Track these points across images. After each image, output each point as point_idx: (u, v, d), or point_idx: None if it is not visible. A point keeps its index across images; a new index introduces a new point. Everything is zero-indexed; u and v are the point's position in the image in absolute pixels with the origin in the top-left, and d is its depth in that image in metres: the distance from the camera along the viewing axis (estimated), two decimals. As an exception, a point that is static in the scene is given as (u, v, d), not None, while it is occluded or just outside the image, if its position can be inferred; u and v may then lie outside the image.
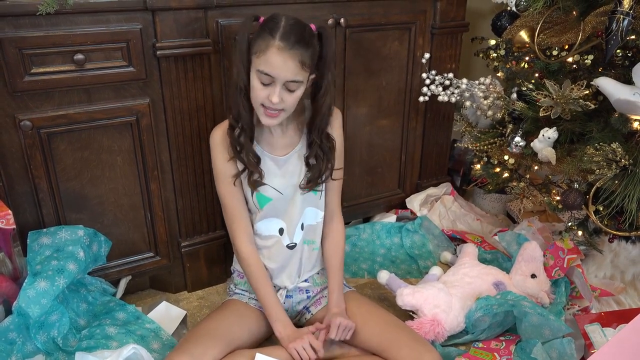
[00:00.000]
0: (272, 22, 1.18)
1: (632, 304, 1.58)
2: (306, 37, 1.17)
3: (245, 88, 1.22)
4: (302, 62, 1.16)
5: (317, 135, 1.31)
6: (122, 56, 1.33)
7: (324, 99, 1.25)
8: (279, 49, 1.14)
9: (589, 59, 1.45)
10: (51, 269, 1.28)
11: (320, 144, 1.32)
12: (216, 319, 1.32)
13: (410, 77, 1.83)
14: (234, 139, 1.27)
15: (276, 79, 1.17)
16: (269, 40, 1.15)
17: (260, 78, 1.18)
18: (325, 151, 1.33)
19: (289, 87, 1.19)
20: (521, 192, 1.81)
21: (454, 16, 1.83)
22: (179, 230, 1.59)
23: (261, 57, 1.16)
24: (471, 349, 1.41)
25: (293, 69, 1.16)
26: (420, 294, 1.46)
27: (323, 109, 1.27)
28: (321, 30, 1.23)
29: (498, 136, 1.74)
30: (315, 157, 1.33)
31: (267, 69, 1.16)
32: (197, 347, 1.20)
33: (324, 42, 1.22)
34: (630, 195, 1.31)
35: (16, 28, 1.21)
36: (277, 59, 1.15)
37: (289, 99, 1.20)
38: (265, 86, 1.19)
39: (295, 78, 1.17)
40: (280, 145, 1.33)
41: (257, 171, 1.29)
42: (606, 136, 1.38)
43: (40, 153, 1.32)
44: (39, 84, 1.26)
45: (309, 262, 1.42)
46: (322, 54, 1.23)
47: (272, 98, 1.18)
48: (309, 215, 1.39)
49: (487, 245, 1.83)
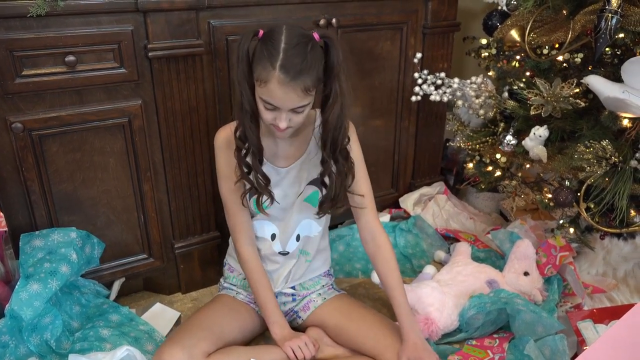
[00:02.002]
0: (271, 44, 1.09)
1: (624, 300, 1.59)
2: (309, 60, 1.08)
3: (251, 110, 1.17)
4: (306, 88, 1.09)
5: (330, 153, 1.22)
6: (113, 58, 1.33)
7: (331, 109, 1.17)
8: (280, 82, 1.07)
9: (578, 57, 1.47)
10: (44, 272, 1.27)
11: (335, 162, 1.23)
12: (207, 312, 1.32)
13: (402, 77, 1.84)
14: (242, 160, 1.23)
15: (281, 109, 1.12)
16: (269, 70, 1.08)
17: (264, 105, 1.13)
18: (341, 170, 1.24)
19: (296, 110, 1.13)
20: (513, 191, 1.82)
21: (445, 16, 1.84)
22: (172, 232, 1.59)
23: (263, 87, 1.10)
24: (465, 346, 1.41)
25: (296, 98, 1.10)
26: (414, 293, 1.46)
27: (332, 120, 1.18)
28: (326, 40, 1.13)
29: (490, 135, 1.74)
30: (329, 176, 1.25)
31: (270, 100, 1.11)
32: (189, 338, 1.20)
33: (330, 51, 1.13)
34: (620, 192, 1.32)
35: (7, 30, 1.20)
36: (279, 92, 1.09)
37: (296, 119, 1.15)
38: (271, 111, 1.14)
39: (300, 104, 1.12)
40: (283, 156, 1.29)
41: (267, 193, 1.24)
42: (596, 134, 1.39)
43: (32, 155, 1.31)
44: (30, 85, 1.26)
45: (299, 272, 1.41)
46: (329, 65, 1.14)
47: (279, 124, 1.13)
48: (306, 227, 1.37)
49: (480, 243, 1.84)
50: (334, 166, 1.24)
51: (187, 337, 1.20)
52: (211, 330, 1.24)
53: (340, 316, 1.34)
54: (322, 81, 1.15)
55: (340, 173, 1.25)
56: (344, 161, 1.24)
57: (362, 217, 1.34)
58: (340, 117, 1.18)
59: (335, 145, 1.22)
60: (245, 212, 1.32)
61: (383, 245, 1.33)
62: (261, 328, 1.40)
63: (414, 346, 1.22)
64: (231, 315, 1.32)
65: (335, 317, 1.35)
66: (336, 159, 1.24)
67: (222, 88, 1.51)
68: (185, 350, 1.17)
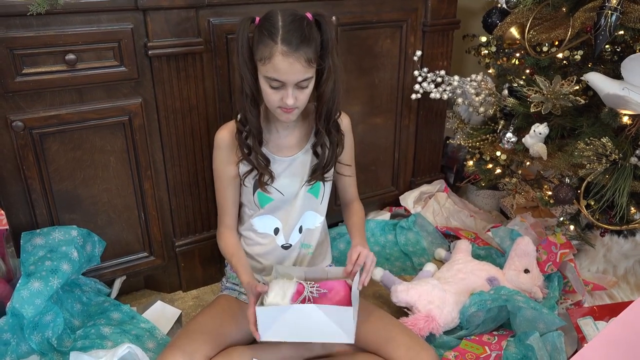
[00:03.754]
0: (269, 23, 1.15)
1: (624, 297, 1.59)
2: (307, 32, 1.14)
3: (252, 94, 1.21)
4: (308, 59, 1.15)
5: (324, 124, 1.30)
6: (113, 56, 1.33)
7: (326, 84, 1.23)
8: (284, 54, 1.12)
9: (578, 54, 1.46)
10: (45, 270, 1.27)
11: (329, 134, 1.31)
12: (207, 315, 1.32)
13: (402, 75, 1.84)
14: (243, 142, 1.28)
15: (287, 83, 1.16)
16: (271, 46, 1.13)
17: (270, 83, 1.17)
18: (333, 141, 1.32)
19: (300, 85, 1.18)
20: (513, 188, 1.82)
21: (445, 14, 1.84)
22: (173, 230, 1.59)
23: (267, 65, 1.14)
24: (462, 341, 1.41)
25: (301, 69, 1.14)
26: (415, 291, 1.46)
27: (327, 94, 1.24)
28: (318, 18, 1.20)
29: (490, 132, 1.74)
30: (321, 146, 1.32)
31: (275, 75, 1.15)
32: (190, 344, 1.20)
33: (323, 29, 1.19)
34: (620, 189, 1.32)
35: (7, 28, 1.21)
36: (283, 65, 1.13)
37: (302, 96, 1.20)
38: (276, 89, 1.18)
39: (305, 77, 1.17)
40: (286, 146, 1.34)
41: (267, 172, 1.30)
42: (596, 131, 1.39)
43: (33, 154, 1.32)
44: (30, 84, 1.26)
45: (302, 265, 1.42)
46: (323, 41, 1.19)
47: (287, 101, 1.17)
48: (308, 218, 1.40)
49: (480, 241, 1.84)
50: (326, 137, 1.32)
51: (188, 342, 1.20)
52: (212, 334, 1.24)
53: None
54: (319, 56, 1.20)
55: (332, 143, 1.32)
56: (335, 132, 1.32)
57: (343, 183, 1.46)
58: (334, 91, 1.25)
59: (329, 117, 1.29)
60: (232, 208, 1.38)
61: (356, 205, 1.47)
62: None
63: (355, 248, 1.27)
64: (232, 317, 1.32)
65: None
66: (329, 131, 1.31)
67: (222, 86, 1.51)
68: (187, 356, 1.17)
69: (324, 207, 1.43)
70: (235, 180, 1.34)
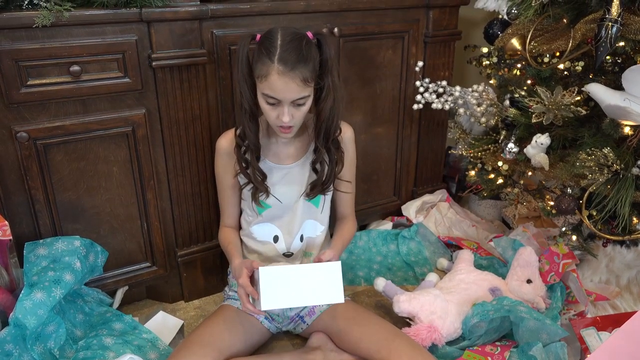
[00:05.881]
0: (269, 42, 1.18)
1: (627, 308, 1.59)
2: (304, 53, 1.17)
3: (250, 109, 1.25)
4: (304, 79, 1.17)
5: (323, 142, 1.31)
6: (117, 67, 1.34)
7: (325, 102, 1.25)
8: (279, 73, 1.15)
9: (579, 65, 1.47)
10: (48, 280, 1.28)
11: (328, 151, 1.32)
12: (209, 326, 1.32)
13: (404, 85, 1.85)
14: (241, 156, 1.31)
15: (283, 101, 1.19)
16: (268, 64, 1.16)
17: (267, 100, 1.20)
18: (332, 159, 1.33)
19: (297, 103, 1.20)
20: (515, 198, 1.82)
21: (446, 25, 1.85)
22: (175, 240, 1.59)
23: (264, 82, 1.18)
24: (465, 352, 1.40)
25: (296, 88, 1.17)
26: (417, 301, 1.46)
27: (325, 112, 1.26)
28: (319, 37, 1.23)
29: (492, 143, 1.75)
30: (321, 163, 1.34)
31: (271, 92, 1.18)
32: (191, 356, 1.20)
33: (323, 49, 1.23)
34: (622, 200, 1.32)
35: (13, 40, 1.22)
36: (279, 83, 1.16)
37: (298, 114, 1.23)
38: (273, 106, 1.21)
39: (301, 95, 1.19)
40: (285, 155, 1.37)
41: (262, 189, 1.32)
42: (598, 141, 1.39)
43: (37, 164, 1.32)
44: (35, 95, 1.27)
45: None
46: (322, 60, 1.23)
47: (282, 118, 1.20)
48: (309, 227, 1.41)
49: (482, 251, 1.84)
50: (326, 155, 1.33)
51: (189, 355, 1.20)
52: (213, 346, 1.24)
53: (345, 321, 1.35)
54: (317, 75, 1.22)
55: (331, 161, 1.34)
56: (335, 150, 1.34)
57: (339, 206, 1.48)
58: (333, 109, 1.27)
59: (328, 135, 1.31)
60: (233, 210, 1.44)
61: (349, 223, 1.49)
62: (266, 337, 1.40)
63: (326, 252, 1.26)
64: (234, 327, 1.32)
65: (340, 322, 1.35)
66: (328, 148, 1.32)
67: (225, 97, 1.52)
68: None
69: (324, 217, 1.43)
70: (235, 187, 1.39)
